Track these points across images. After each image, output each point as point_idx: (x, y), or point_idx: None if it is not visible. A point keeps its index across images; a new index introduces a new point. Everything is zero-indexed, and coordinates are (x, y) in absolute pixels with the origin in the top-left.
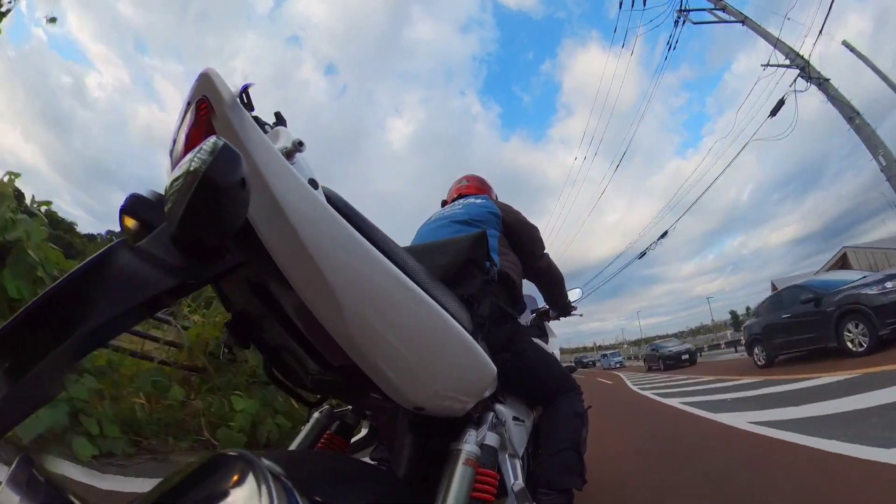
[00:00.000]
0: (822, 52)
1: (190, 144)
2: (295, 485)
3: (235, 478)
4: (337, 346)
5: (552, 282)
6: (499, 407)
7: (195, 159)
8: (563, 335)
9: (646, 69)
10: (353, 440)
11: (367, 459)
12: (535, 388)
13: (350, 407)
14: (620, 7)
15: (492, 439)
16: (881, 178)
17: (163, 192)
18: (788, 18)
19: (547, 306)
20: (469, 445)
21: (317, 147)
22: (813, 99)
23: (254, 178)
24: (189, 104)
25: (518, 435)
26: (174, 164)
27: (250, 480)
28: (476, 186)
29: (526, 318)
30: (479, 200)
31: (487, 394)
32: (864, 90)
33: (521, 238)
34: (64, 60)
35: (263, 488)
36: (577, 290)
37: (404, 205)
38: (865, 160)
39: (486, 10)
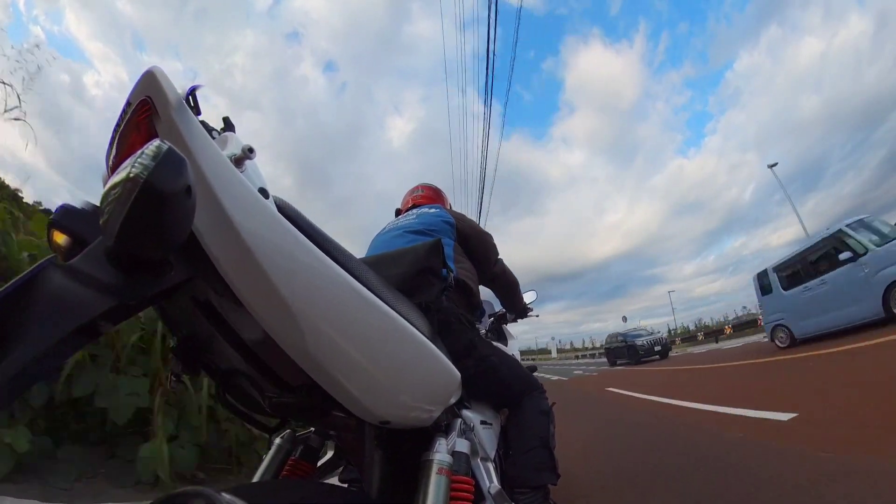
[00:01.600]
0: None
1: (130, 149)
2: None
3: None
4: (294, 365)
5: (507, 286)
6: (466, 413)
7: (135, 164)
8: (561, 335)
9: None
10: (319, 463)
11: (336, 482)
12: (499, 390)
13: (313, 429)
14: None
15: (462, 445)
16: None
17: (97, 203)
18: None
19: (504, 310)
20: (440, 454)
21: (316, 147)
22: None
23: (200, 187)
24: (130, 104)
25: (488, 438)
26: (111, 171)
27: None
28: (430, 196)
29: (485, 323)
30: (432, 210)
31: (453, 401)
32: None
33: (476, 245)
34: (63, 58)
35: None
36: (532, 291)
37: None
38: None
39: (486, 7)
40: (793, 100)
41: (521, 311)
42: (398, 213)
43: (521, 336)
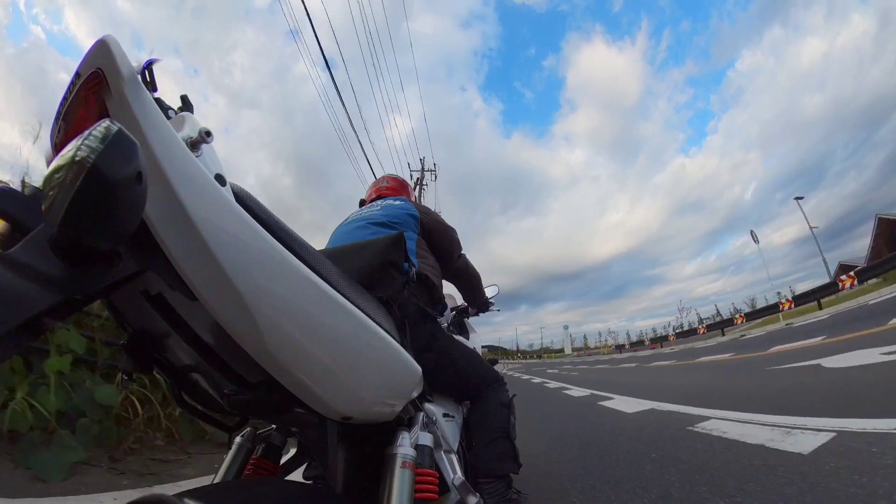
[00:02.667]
0: None
1: (77, 126)
2: None
3: None
4: (252, 361)
5: (470, 281)
6: (428, 406)
7: (82, 146)
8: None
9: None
10: (282, 461)
11: (300, 479)
12: (461, 384)
13: (274, 426)
14: None
15: (425, 439)
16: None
17: (39, 186)
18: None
19: (466, 304)
20: (404, 448)
21: (316, 146)
22: None
23: (152, 172)
24: (79, 76)
25: (450, 431)
26: (56, 150)
27: None
28: (395, 187)
29: (447, 318)
30: (397, 202)
31: (415, 394)
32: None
33: (439, 240)
34: (62, 56)
35: None
36: (494, 286)
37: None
38: None
39: (488, 4)
40: (795, 99)
41: (482, 305)
42: (362, 203)
43: (525, 335)
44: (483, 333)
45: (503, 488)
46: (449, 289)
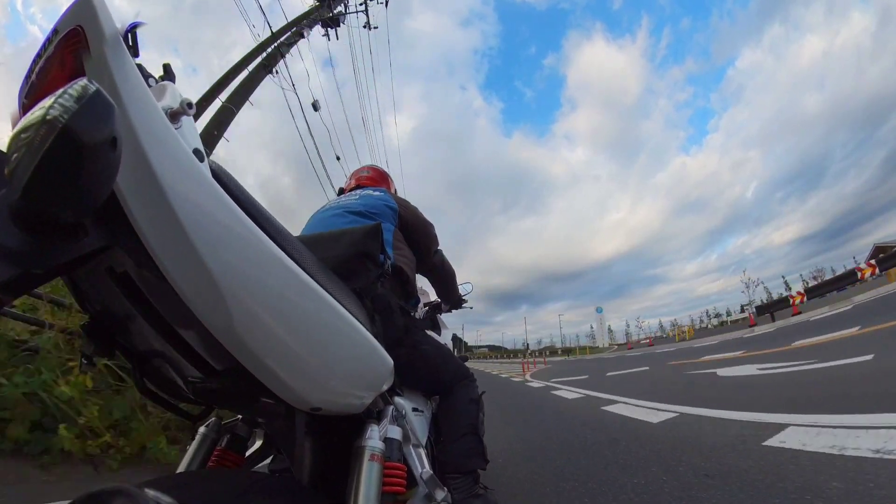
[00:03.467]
0: None
1: (50, 85)
2: None
3: None
4: (220, 347)
5: (445, 277)
6: (398, 400)
7: (55, 105)
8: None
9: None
10: (247, 453)
11: (266, 472)
12: (431, 378)
13: (240, 416)
14: None
15: (394, 432)
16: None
17: (3, 149)
18: None
19: (439, 300)
20: (372, 441)
21: (315, 145)
22: None
23: (127, 140)
24: (57, 32)
25: (419, 425)
26: (24, 110)
27: None
28: (375, 178)
29: (419, 312)
30: (377, 192)
31: (385, 388)
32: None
33: (417, 234)
34: None
35: None
36: (469, 284)
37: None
38: None
39: (488, 3)
40: (795, 98)
41: (456, 302)
42: (341, 192)
43: (533, 333)
44: (486, 333)
45: (470, 484)
46: (422, 283)
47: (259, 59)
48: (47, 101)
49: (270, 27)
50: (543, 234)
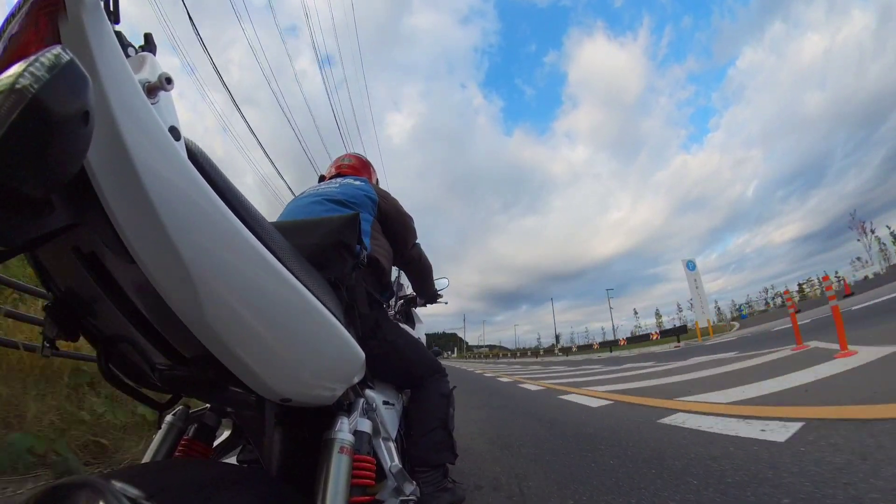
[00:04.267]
0: None
1: (21, 50)
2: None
3: None
4: (189, 334)
5: (421, 271)
6: (369, 392)
7: (26, 73)
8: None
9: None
10: (215, 443)
11: (234, 463)
12: (403, 372)
13: (208, 406)
14: None
15: (364, 425)
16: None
17: None
18: None
19: (414, 293)
20: (342, 433)
21: (316, 145)
22: None
23: (100, 113)
24: None
25: (390, 418)
26: None
27: None
28: (357, 167)
29: (394, 305)
30: (357, 182)
31: (356, 380)
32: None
33: (395, 226)
34: None
35: None
36: (445, 279)
37: (405, 203)
38: None
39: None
40: (796, 96)
41: (431, 296)
42: (322, 179)
43: (532, 333)
44: (489, 333)
45: (439, 478)
46: (398, 276)
47: None
48: (17, 68)
49: None
50: (544, 234)
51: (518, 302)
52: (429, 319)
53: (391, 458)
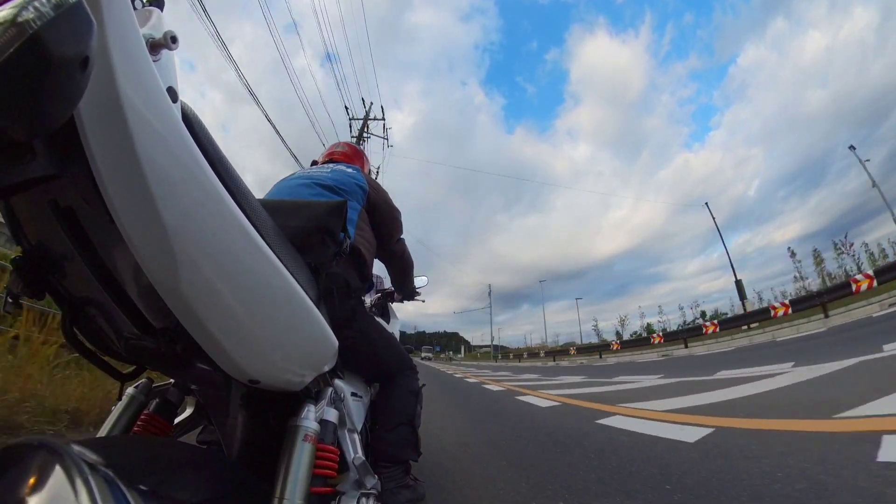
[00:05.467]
0: None
1: None
2: (116, 474)
3: (36, 475)
4: (161, 303)
5: (403, 267)
6: (338, 382)
7: (30, 7)
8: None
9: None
10: (176, 421)
11: (193, 443)
12: (374, 365)
13: (172, 381)
14: None
15: (331, 414)
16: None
17: None
18: None
19: (393, 288)
20: (308, 421)
21: (316, 144)
22: None
23: (99, 61)
24: None
25: (357, 410)
26: None
27: (58, 474)
28: (349, 155)
29: (371, 297)
30: (349, 169)
31: (327, 368)
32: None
33: (383, 218)
34: None
35: (79, 482)
36: (424, 277)
37: (406, 201)
38: None
39: None
40: (798, 94)
41: (409, 293)
42: (314, 164)
43: (533, 333)
44: (504, 328)
45: (401, 474)
46: (377, 270)
47: None
48: (21, 0)
49: None
50: (545, 233)
51: (519, 301)
52: (429, 319)
53: (355, 451)
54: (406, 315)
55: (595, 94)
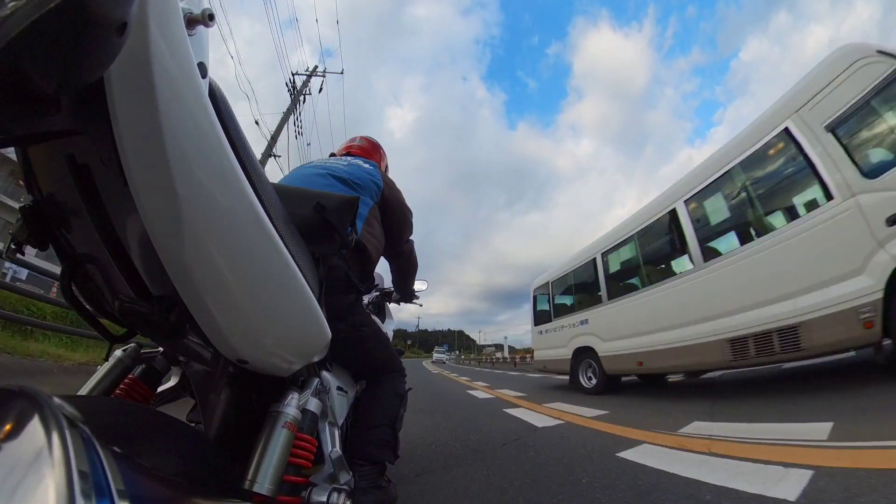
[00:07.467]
0: None
1: None
2: (93, 432)
3: (13, 422)
4: (161, 270)
5: (407, 268)
6: (325, 374)
7: None
8: None
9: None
10: (159, 389)
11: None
12: (363, 362)
13: (160, 350)
14: None
15: (314, 405)
16: None
17: None
18: None
19: (392, 288)
20: (290, 409)
21: (316, 144)
22: None
23: (136, 28)
24: None
25: (340, 405)
26: None
27: (35, 424)
28: (367, 150)
29: (369, 295)
30: (366, 165)
31: (316, 359)
32: None
33: (395, 216)
34: None
35: (55, 434)
36: (424, 282)
37: (407, 200)
38: None
39: None
40: None
41: (408, 295)
42: (331, 157)
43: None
44: (492, 332)
45: (376, 474)
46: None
47: None
48: None
49: None
50: (548, 231)
51: (519, 301)
52: (432, 319)
53: (333, 444)
54: (408, 314)
55: (599, 87)
